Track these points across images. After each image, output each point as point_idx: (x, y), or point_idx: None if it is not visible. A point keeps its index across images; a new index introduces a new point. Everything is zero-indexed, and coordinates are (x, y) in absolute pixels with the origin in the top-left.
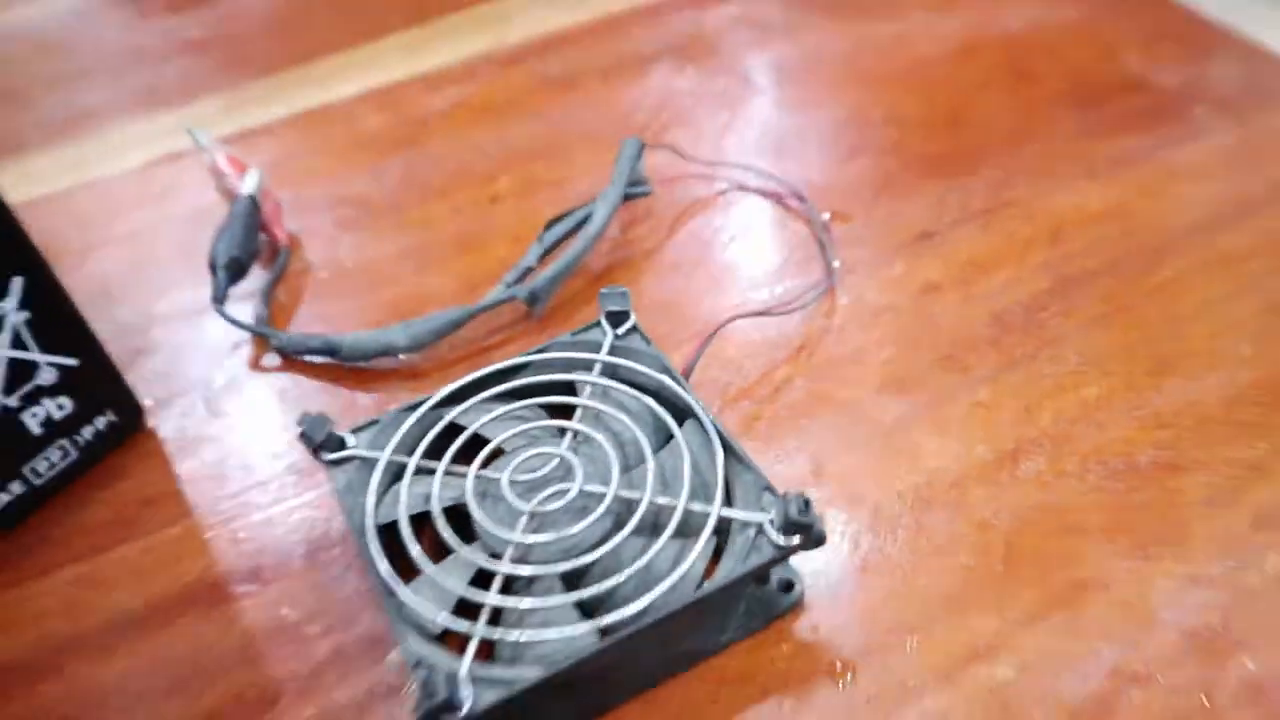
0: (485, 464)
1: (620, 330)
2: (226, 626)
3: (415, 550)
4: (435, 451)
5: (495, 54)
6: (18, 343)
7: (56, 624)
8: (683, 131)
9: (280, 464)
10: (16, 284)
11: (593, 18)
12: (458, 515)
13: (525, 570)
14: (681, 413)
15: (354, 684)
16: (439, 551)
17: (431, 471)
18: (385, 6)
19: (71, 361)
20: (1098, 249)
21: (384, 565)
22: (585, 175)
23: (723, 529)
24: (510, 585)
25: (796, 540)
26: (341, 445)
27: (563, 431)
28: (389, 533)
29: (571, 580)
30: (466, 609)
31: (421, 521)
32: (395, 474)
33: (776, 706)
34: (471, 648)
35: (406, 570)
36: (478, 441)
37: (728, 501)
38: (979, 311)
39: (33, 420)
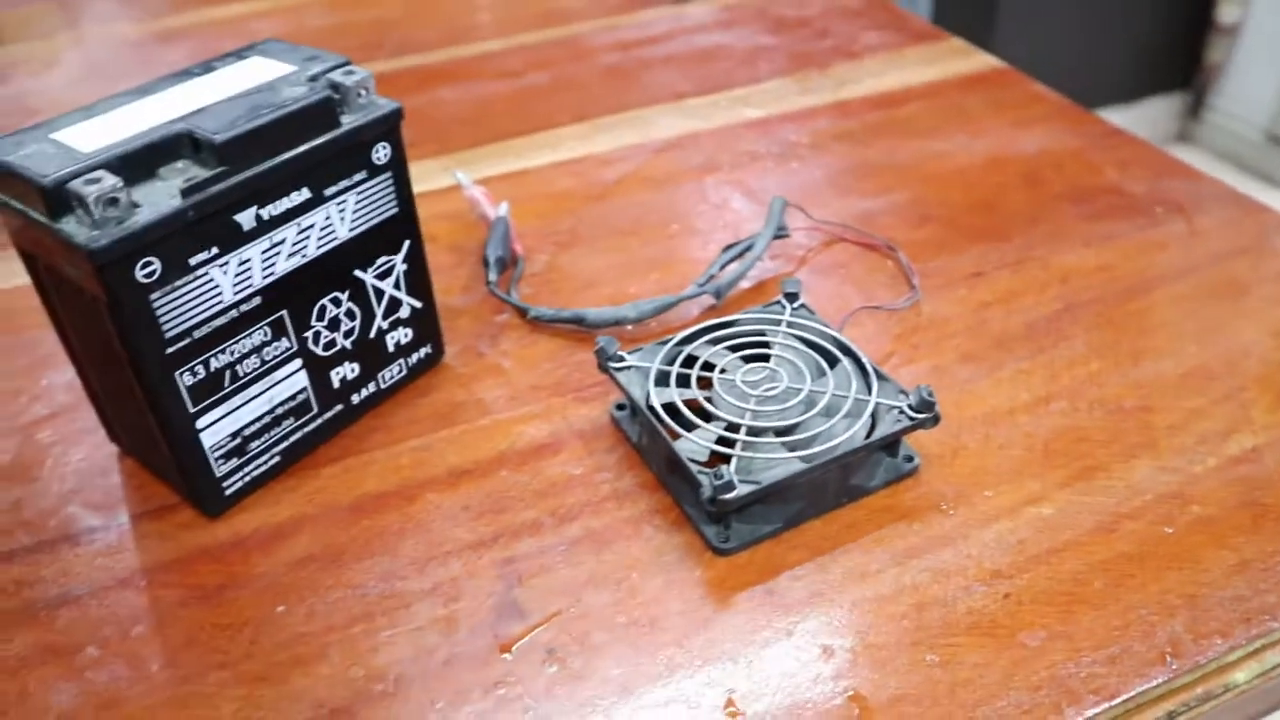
0: (720, 373)
1: (794, 305)
2: (533, 476)
3: (687, 413)
4: (686, 367)
5: (647, 145)
6: (397, 285)
7: (412, 472)
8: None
9: (543, 386)
10: (405, 244)
11: (716, 126)
12: (696, 405)
13: (757, 425)
14: (842, 353)
15: (629, 509)
16: (690, 424)
17: (685, 378)
18: (555, 109)
19: (419, 304)
20: (1094, 287)
21: (669, 422)
22: (731, 226)
23: (875, 414)
24: (747, 436)
25: (924, 415)
26: (622, 359)
27: (766, 358)
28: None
29: (781, 435)
30: (714, 454)
31: (667, 409)
32: (659, 380)
33: (906, 525)
34: (734, 463)
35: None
36: (706, 365)
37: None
38: (1017, 320)
39: (390, 341)
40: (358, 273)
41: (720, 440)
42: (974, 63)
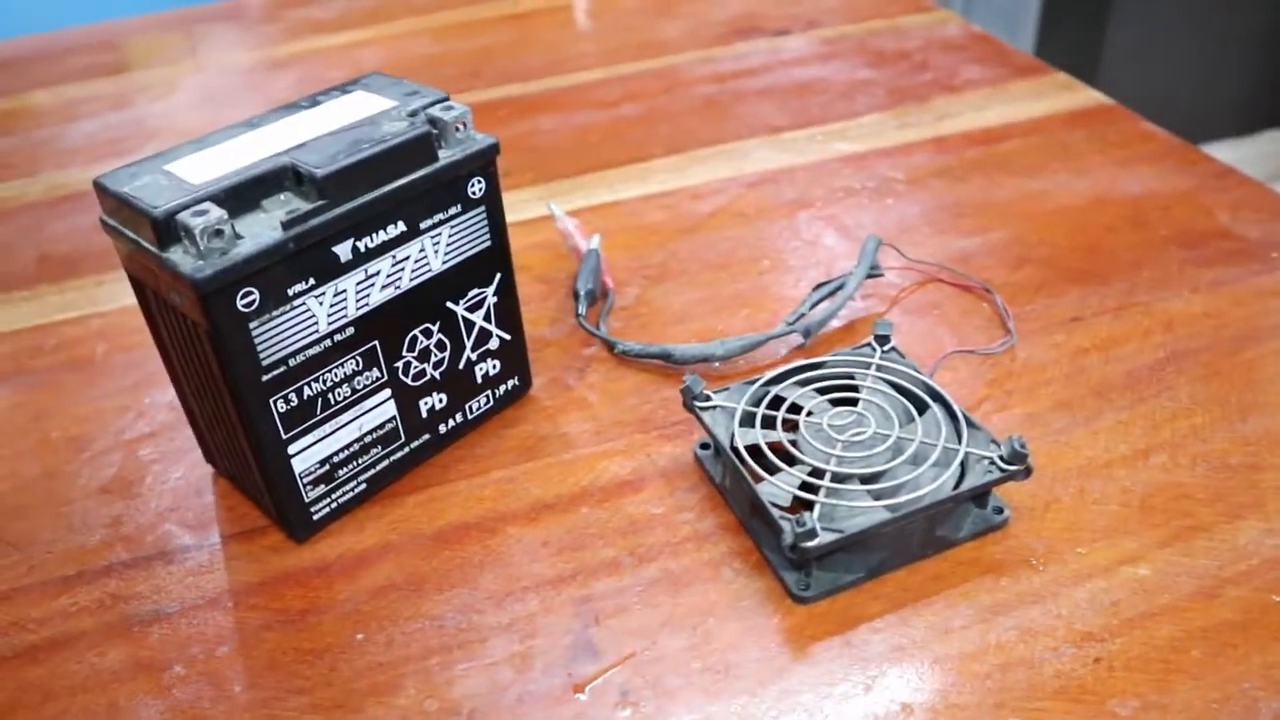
0: (806, 416)
1: (885, 348)
2: (614, 513)
3: (771, 456)
4: (773, 409)
5: (740, 178)
6: (488, 317)
7: (494, 504)
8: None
9: (628, 422)
10: (497, 277)
11: (810, 160)
12: (780, 448)
13: (841, 471)
14: (931, 398)
15: (709, 551)
16: (774, 468)
17: (771, 419)
18: (649, 140)
19: (508, 337)
20: (1200, 335)
21: (751, 464)
22: (824, 263)
23: (964, 463)
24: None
25: (1015, 467)
26: (708, 399)
27: (853, 401)
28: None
29: (866, 482)
30: (797, 499)
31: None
32: (744, 420)
33: (993, 580)
34: (817, 510)
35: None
36: (793, 407)
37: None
38: (1116, 368)
39: (478, 372)
40: (449, 305)
41: (804, 485)
42: (1079, 98)
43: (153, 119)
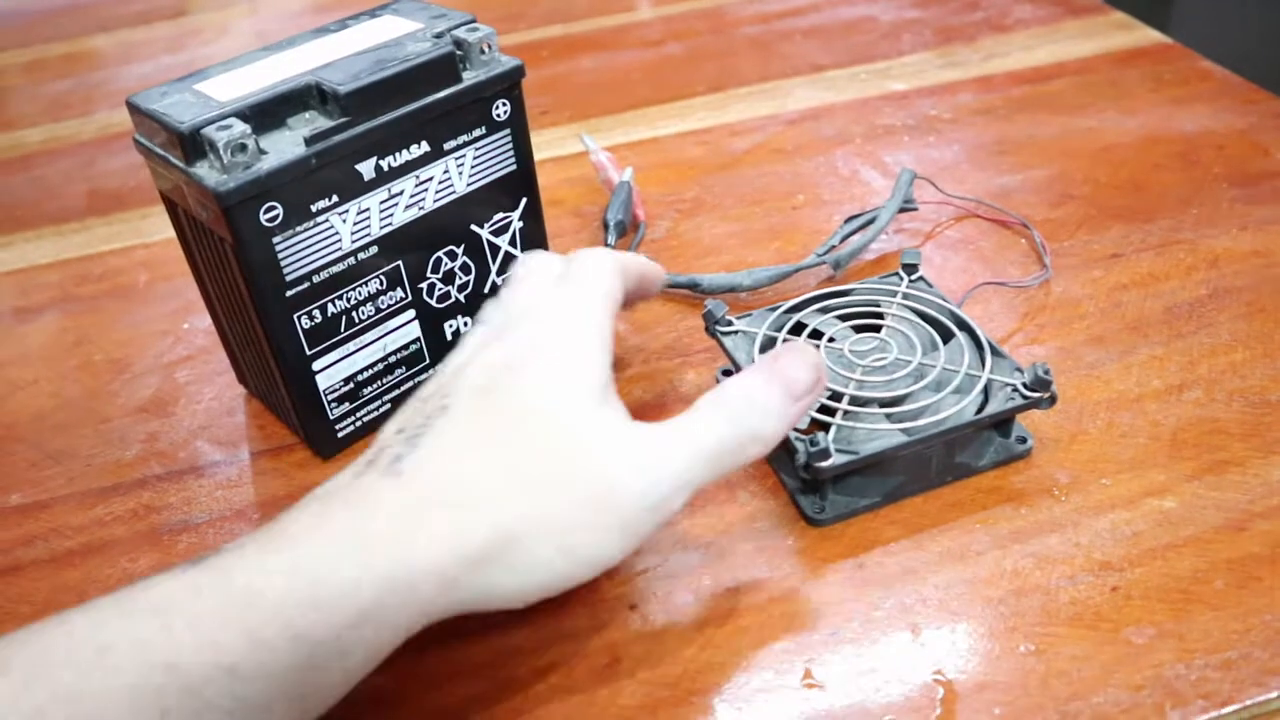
0: (828, 343)
1: (912, 277)
2: None
3: None
4: (794, 334)
5: (780, 116)
6: (513, 242)
7: None
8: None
9: (653, 349)
10: (522, 202)
11: (852, 98)
12: None
13: (861, 395)
14: (958, 328)
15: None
16: None
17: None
18: (692, 79)
19: None
20: (1246, 273)
21: None
22: (859, 198)
23: (987, 390)
24: (850, 406)
25: (1038, 394)
26: (730, 324)
27: (877, 329)
28: None
29: (885, 407)
30: (815, 422)
31: None
32: (763, 346)
33: (1013, 508)
34: (832, 431)
35: None
36: (816, 334)
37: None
38: (1155, 305)
39: None
40: (474, 228)
41: (822, 409)
42: (1134, 37)
43: (203, 60)
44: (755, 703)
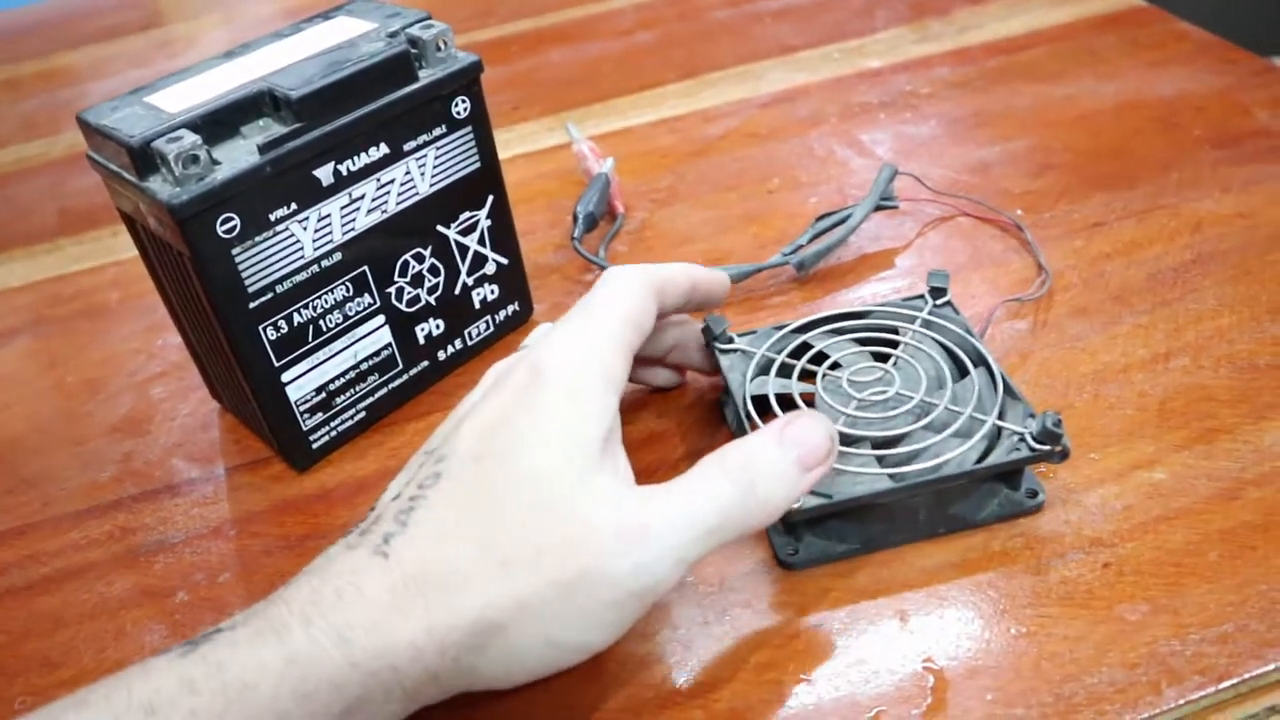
0: (829, 370)
1: (938, 302)
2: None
3: (776, 409)
4: (794, 358)
5: (753, 100)
6: (482, 241)
7: None
8: (907, 162)
9: None
10: (489, 200)
11: (826, 78)
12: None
13: (850, 433)
14: (975, 363)
15: None
16: None
17: (790, 368)
18: (663, 67)
19: (505, 261)
20: (1230, 237)
21: (754, 416)
22: (836, 179)
23: (993, 438)
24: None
25: (1046, 447)
26: (730, 340)
27: (886, 358)
28: (753, 401)
29: (878, 447)
30: None
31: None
32: (761, 368)
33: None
34: None
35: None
36: (822, 356)
37: (1002, 420)
38: (1139, 272)
39: (475, 298)
40: (440, 228)
41: None
42: (1109, 2)
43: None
44: (742, 700)
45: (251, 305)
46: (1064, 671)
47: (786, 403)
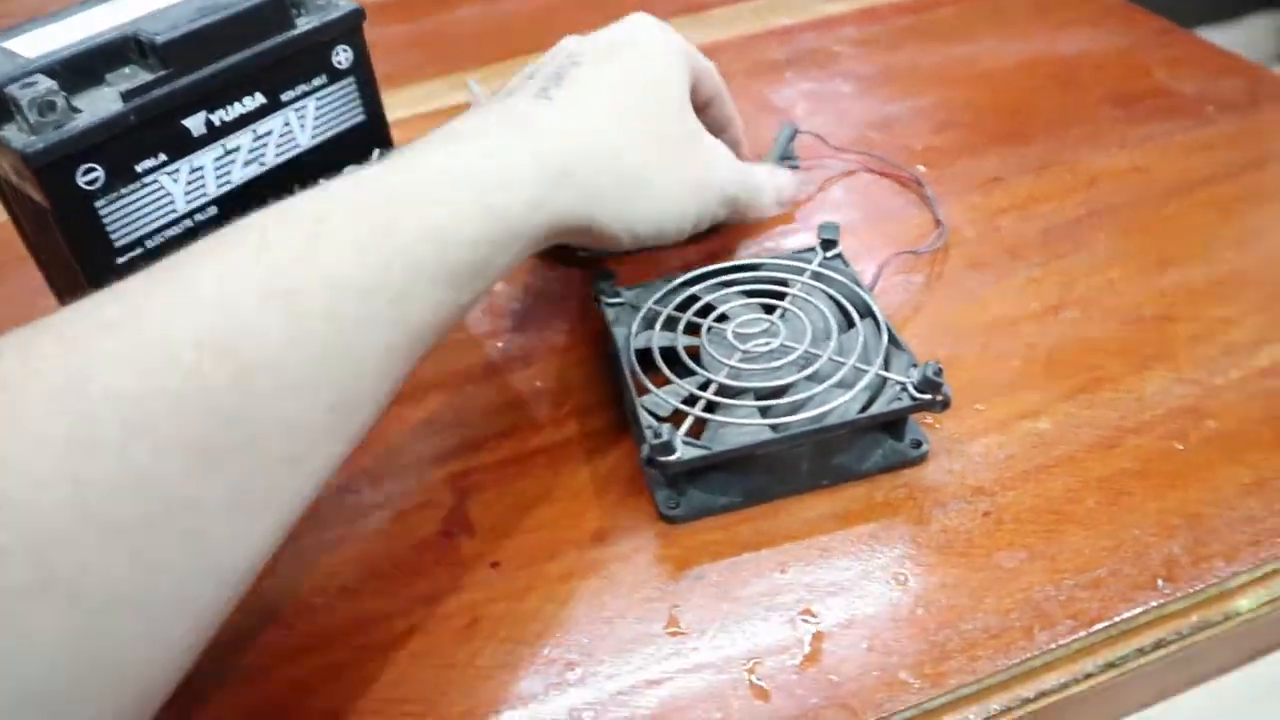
0: (715, 322)
1: (829, 254)
2: (500, 390)
3: (660, 362)
4: (680, 310)
5: None
6: None
7: None
8: (812, 119)
9: (522, 299)
10: (375, 154)
11: (735, 35)
12: (687, 355)
13: (733, 384)
14: (862, 314)
15: (588, 424)
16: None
17: (675, 320)
18: (578, 24)
19: None
20: (1124, 191)
21: (637, 370)
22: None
23: (877, 389)
24: (720, 395)
25: (926, 396)
26: (617, 294)
27: (772, 310)
28: (638, 355)
29: (761, 399)
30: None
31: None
32: (648, 321)
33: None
34: (686, 423)
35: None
36: (709, 308)
37: (886, 370)
38: (1033, 226)
39: None
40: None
41: (691, 398)
42: None
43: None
44: (619, 657)
45: (120, 261)
46: (939, 619)
47: (671, 357)
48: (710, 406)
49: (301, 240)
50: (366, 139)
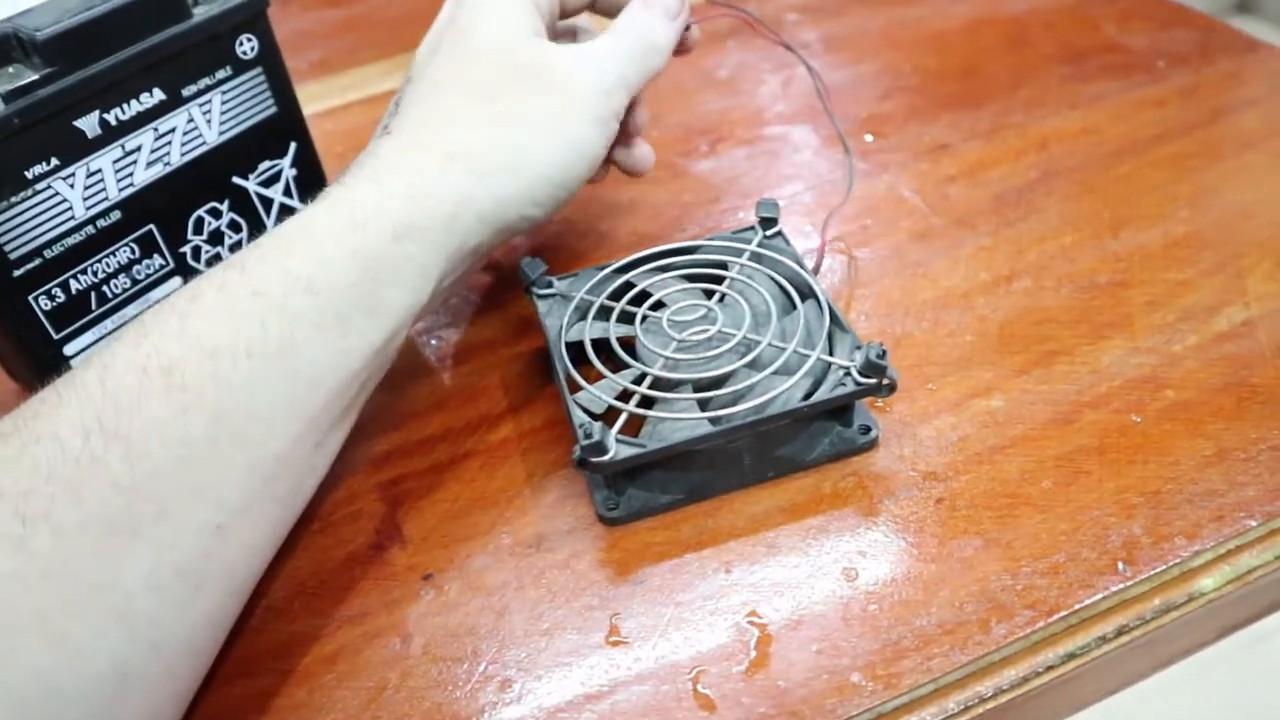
0: (651, 310)
1: (769, 233)
2: (435, 388)
3: (592, 356)
4: (614, 299)
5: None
6: (288, 192)
7: None
8: (757, 89)
9: (456, 292)
10: (291, 148)
11: None
12: (622, 346)
13: (669, 376)
14: (804, 295)
15: (525, 422)
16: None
17: (609, 310)
18: None
19: None
20: (1076, 153)
21: (568, 366)
22: (680, 114)
23: (820, 374)
24: (656, 388)
25: (871, 380)
26: (549, 284)
27: (710, 294)
28: (572, 348)
29: (700, 390)
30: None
31: (591, 346)
32: (582, 312)
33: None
34: (620, 420)
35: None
36: (645, 295)
37: (829, 354)
38: (984, 194)
39: None
40: (237, 180)
41: (623, 393)
42: None
43: None
44: (557, 671)
45: (17, 274)
46: (892, 616)
47: (606, 349)
48: (646, 401)
49: (176, 320)
50: (280, 131)
